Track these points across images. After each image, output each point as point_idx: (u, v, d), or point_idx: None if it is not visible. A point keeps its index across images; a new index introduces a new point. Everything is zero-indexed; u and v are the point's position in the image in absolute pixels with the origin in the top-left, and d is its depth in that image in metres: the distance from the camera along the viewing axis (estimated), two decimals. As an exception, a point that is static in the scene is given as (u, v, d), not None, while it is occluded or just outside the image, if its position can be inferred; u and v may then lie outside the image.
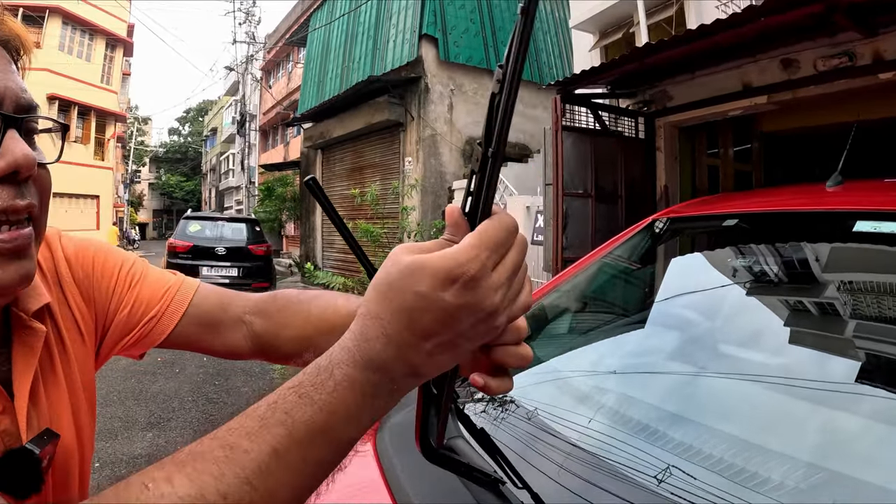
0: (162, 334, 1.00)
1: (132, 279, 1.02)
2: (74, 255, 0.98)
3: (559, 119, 6.15)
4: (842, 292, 1.57)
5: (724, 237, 2.13)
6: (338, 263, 14.83)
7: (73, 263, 0.97)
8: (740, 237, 2.04)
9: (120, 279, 1.01)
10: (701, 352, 1.73)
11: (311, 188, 1.07)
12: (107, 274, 1.00)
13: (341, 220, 1.10)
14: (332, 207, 1.10)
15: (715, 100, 6.45)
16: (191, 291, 1.05)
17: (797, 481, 1.08)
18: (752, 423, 1.35)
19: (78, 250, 0.99)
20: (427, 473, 1.31)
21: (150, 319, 1.00)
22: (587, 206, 6.39)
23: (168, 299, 1.02)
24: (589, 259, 2.34)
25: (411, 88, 11.29)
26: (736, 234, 2.04)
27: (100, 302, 0.99)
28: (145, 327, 1.00)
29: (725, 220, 2.09)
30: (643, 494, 1.11)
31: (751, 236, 2.00)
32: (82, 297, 0.97)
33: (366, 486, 1.43)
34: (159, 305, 1.01)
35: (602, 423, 1.48)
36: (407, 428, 1.57)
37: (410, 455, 1.42)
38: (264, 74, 32.92)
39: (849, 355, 1.42)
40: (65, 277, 0.95)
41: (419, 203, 10.91)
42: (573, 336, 2.21)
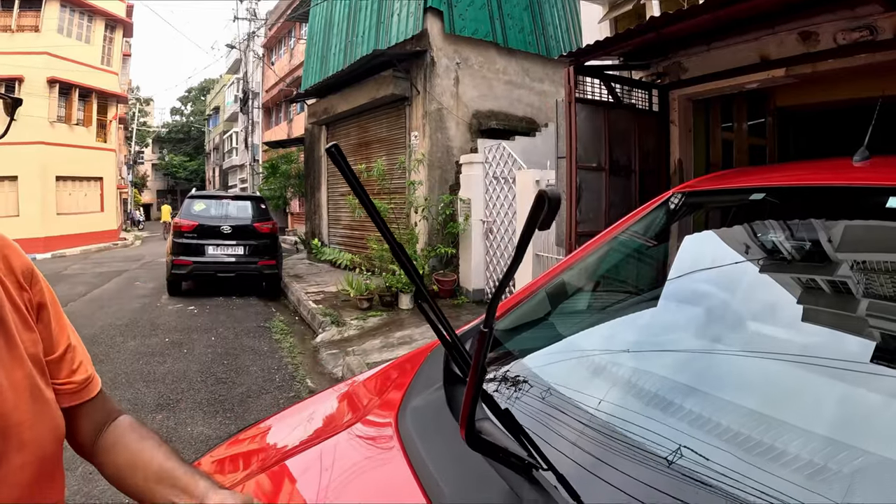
0: (72, 401, 1.10)
1: (72, 337, 1.13)
2: (32, 270, 1.08)
3: (572, 91, 6.01)
4: (863, 271, 1.52)
5: (748, 212, 2.05)
6: (344, 240, 14.78)
7: (26, 274, 1.07)
8: (767, 212, 1.95)
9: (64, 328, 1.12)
10: (724, 328, 1.68)
11: (333, 156, 0.99)
12: (57, 313, 1.11)
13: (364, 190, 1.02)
14: (355, 175, 1.02)
15: (731, 72, 6.31)
16: (100, 383, 1.18)
17: (813, 454, 1.06)
18: (773, 398, 1.32)
19: (35, 270, 1.09)
20: (454, 455, 1.31)
21: (74, 383, 1.10)
22: (601, 180, 6.28)
23: (91, 378, 1.14)
24: (607, 235, 2.28)
25: (417, 62, 11.14)
26: (762, 209, 1.96)
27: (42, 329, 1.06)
28: (74, 386, 1.10)
29: (752, 195, 2.01)
30: (663, 469, 1.11)
31: (778, 211, 1.91)
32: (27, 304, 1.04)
33: (389, 467, 1.43)
34: (86, 376, 1.13)
35: (619, 399, 1.49)
36: (429, 411, 1.56)
37: (435, 437, 1.43)
38: (266, 51, 32.81)
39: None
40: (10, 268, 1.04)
41: (426, 178, 10.81)
42: (590, 313, 2.18)
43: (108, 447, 1.13)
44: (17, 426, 0.91)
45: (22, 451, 0.91)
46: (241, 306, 10.93)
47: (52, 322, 1.08)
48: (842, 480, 1.02)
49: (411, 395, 1.74)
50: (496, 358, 1.85)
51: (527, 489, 1.13)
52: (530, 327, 2.12)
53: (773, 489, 1.02)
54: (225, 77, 46.08)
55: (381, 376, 2.10)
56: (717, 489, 1.03)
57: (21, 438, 0.91)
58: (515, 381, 1.70)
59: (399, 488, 1.29)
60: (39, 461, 0.95)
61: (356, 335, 8.01)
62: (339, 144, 0.96)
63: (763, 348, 1.54)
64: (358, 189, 0.99)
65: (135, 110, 48.83)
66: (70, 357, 1.10)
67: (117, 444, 1.13)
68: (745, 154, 8.04)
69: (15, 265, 1.04)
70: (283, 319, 9.74)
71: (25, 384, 0.94)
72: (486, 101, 11.50)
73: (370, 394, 1.98)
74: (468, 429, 1.09)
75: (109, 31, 28.85)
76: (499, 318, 2.09)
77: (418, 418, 1.56)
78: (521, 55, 12.04)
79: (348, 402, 2.01)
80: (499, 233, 9.73)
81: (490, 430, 1.29)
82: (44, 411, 0.97)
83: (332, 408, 2.00)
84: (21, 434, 0.91)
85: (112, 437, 1.14)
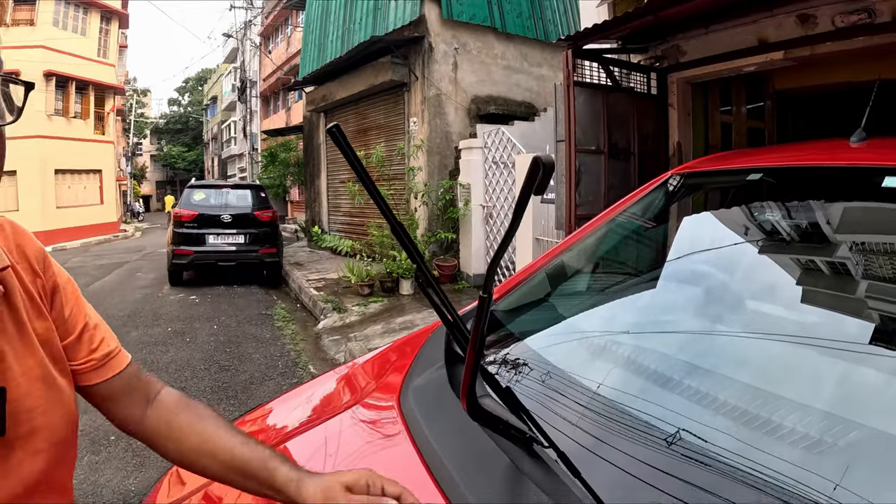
0: (97, 379, 1.09)
1: (91, 317, 1.13)
2: (45, 255, 1.09)
3: (570, 74, 6.00)
4: (861, 252, 1.52)
5: (746, 192, 2.06)
6: (344, 227, 14.77)
7: (39, 259, 1.07)
8: (764, 192, 1.97)
9: (81, 309, 1.11)
10: (723, 307, 1.69)
11: (334, 136, 1.00)
12: (72, 297, 1.10)
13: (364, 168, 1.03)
14: (356, 155, 1.03)
15: (729, 55, 6.29)
16: (128, 357, 1.16)
17: (812, 429, 1.07)
18: (770, 375, 1.33)
19: (48, 255, 1.10)
20: (457, 432, 1.33)
21: (95, 360, 1.09)
22: (600, 163, 6.28)
23: (115, 352, 1.13)
24: (605, 216, 2.29)
25: (415, 48, 11.09)
26: (760, 190, 1.98)
27: (56, 314, 1.06)
28: (93, 363, 1.09)
29: (749, 175, 2.02)
30: (663, 446, 1.13)
31: (776, 191, 1.93)
32: (40, 291, 1.04)
33: (393, 446, 1.44)
34: (108, 351, 1.11)
35: (618, 377, 1.50)
36: (431, 390, 1.57)
37: (437, 415, 1.44)
38: (263, 40, 32.68)
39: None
40: (24, 256, 1.04)
41: (425, 163, 10.79)
42: (589, 294, 2.19)
43: (162, 428, 1.13)
44: (29, 412, 0.91)
45: (34, 437, 0.91)
46: (243, 295, 10.95)
47: (66, 305, 1.08)
48: (839, 454, 1.03)
49: (413, 375, 1.75)
50: (496, 340, 1.87)
51: (528, 464, 1.14)
52: (530, 308, 2.13)
53: (771, 463, 1.03)
54: (222, 66, 45.89)
55: (381, 358, 2.11)
56: (716, 464, 1.04)
57: (33, 424, 0.91)
58: (516, 361, 1.71)
59: (402, 466, 1.30)
60: (52, 447, 0.95)
61: (358, 321, 8.03)
62: (339, 125, 0.97)
63: (760, 327, 1.55)
64: (358, 168, 1.00)
65: (132, 102, 48.69)
66: (88, 336, 1.09)
67: (173, 425, 1.12)
68: (744, 137, 8.02)
69: (28, 252, 1.04)
70: (285, 307, 9.76)
71: (38, 372, 0.95)
72: (485, 87, 11.46)
73: (370, 375, 1.99)
74: (469, 399, 1.10)
75: (105, 23, 28.70)
76: (498, 299, 2.10)
77: (420, 397, 1.57)
78: (520, 40, 11.99)
79: (349, 383, 2.02)
80: (498, 217, 9.72)
81: (492, 407, 1.32)
82: (57, 398, 0.96)
83: (333, 389, 2.02)
84: (33, 420, 0.92)
85: (164, 416, 1.14)
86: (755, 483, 0.99)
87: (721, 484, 1.00)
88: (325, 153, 16.03)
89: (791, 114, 8.53)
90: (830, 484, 0.93)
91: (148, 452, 4.32)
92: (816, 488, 0.93)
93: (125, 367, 1.13)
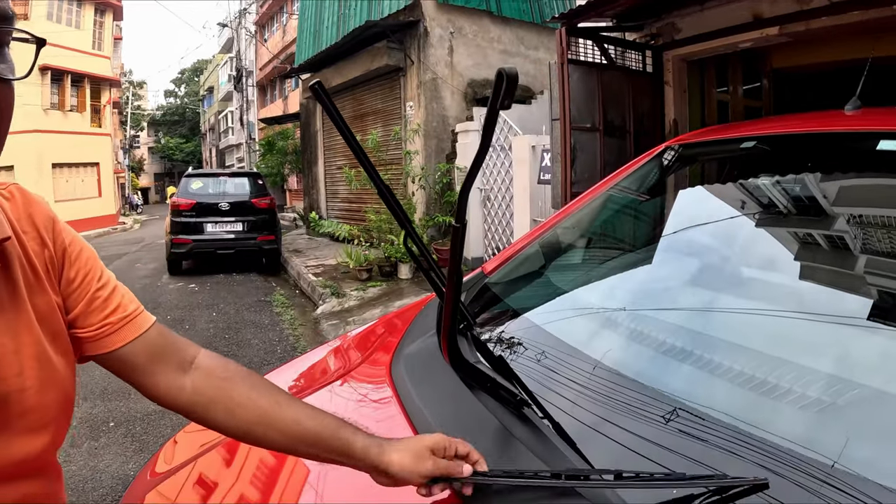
0: (115, 344, 1.01)
1: (105, 281, 1.05)
2: (71, 233, 1.04)
3: (564, 52, 5.98)
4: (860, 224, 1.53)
5: (742, 162, 2.06)
6: (342, 213, 14.78)
7: (48, 227, 1.01)
8: (759, 161, 1.96)
9: (93, 273, 1.04)
10: (717, 276, 1.70)
11: (316, 93, 0.99)
12: (82, 261, 1.03)
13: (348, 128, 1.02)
14: (340, 114, 1.01)
15: (724, 32, 6.26)
16: (151, 319, 1.07)
17: (819, 393, 1.06)
18: (760, 341, 1.32)
19: (57, 221, 1.03)
20: (446, 396, 1.35)
21: (111, 323, 1.01)
22: (595, 141, 6.26)
23: (134, 314, 1.04)
24: (600, 188, 2.29)
25: (410, 33, 11.05)
26: (755, 158, 1.97)
27: (65, 282, 1.01)
28: (106, 328, 1.01)
29: (742, 143, 2.01)
30: (656, 418, 1.12)
31: (770, 159, 1.92)
32: (47, 262, 0.98)
33: (382, 411, 1.47)
34: (125, 314, 1.03)
35: (612, 347, 1.51)
36: (422, 357, 1.59)
37: (427, 380, 1.46)
38: (258, 29, 32.55)
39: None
40: (33, 225, 0.98)
41: (422, 147, 10.78)
42: (583, 265, 2.20)
43: (209, 397, 1.05)
44: (20, 392, 0.87)
45: (25, 417, 0.88)
46: (242, 282, 10.96)
47: (73, 268, 1.01)
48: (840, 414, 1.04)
49: (404, 344, 1.76)
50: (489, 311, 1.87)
51: (520, 428, 1.15)
52: (523, 280, 2.13)
53: (757, 420, 1.04)
54: (218, 56, 45.72)
55: (373, 331, 2.12)
56: (710, 433, 1.04)
57: (25, 405, 0.87)
58: (509, 331, 1.71)
59: (391, 429, 1.30)
60: (44, 427, 0.92)
61: (356, 305, 8.04)
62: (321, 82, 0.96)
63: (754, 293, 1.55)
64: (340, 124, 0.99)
65: (128, 94, 48.52)
66: (102, 301, 1.02)
67: (224, 395, 1.05)
68: (741, 115, 8.00)
69: (38, 221, 0.99)
70: (284, 293, 9.76)
71: (32, 350, 0.90)
72: (481, 70, 11.42)
73: (362, 347, 2.00)
74: (450, 346, 1.10)
75: (99, 16, 28.59)
76: (493, 271, 2.10)
77: (411, 364, 1.58)
78: (516, 23, 11.94)
79: (341, 355, 2.03)
80: (496, 200, 9.70)
81: (475, 359, 1.33)
82: (51, 378, 0.92)
83: (325, 361, 2.02)
84: (24, 401, 0.87)
85: (211, 384, 1.06)
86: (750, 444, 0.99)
87: (713, 455, 1.00)
88: (322, 140, 16.01)
89: (789, 92, 8.50)
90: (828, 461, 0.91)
91: (147, 437, 4.35)
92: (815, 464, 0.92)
93: (147, 329, 1.04)
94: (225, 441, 1.54)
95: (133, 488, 1.58)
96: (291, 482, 1.29)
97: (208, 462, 1.50)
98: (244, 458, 1.44)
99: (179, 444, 1.74)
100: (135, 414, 4.81)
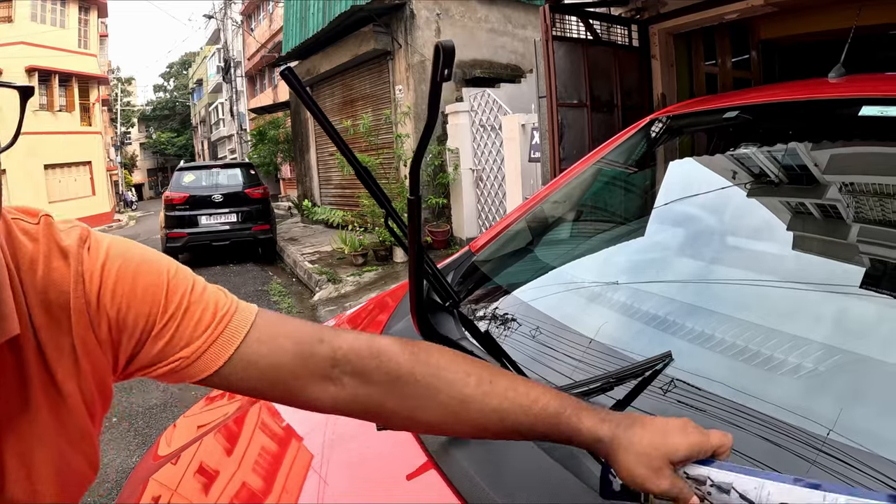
0: (200, 374, 0.80)
1: (176, 305, 0.80)
2: (111, 272, 0.77)
3: (549, 29, 5.97)
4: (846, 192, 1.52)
5: (729, 132, 2.06)
6: (336, 199, 14.76)
7: (108, 286, 0.77)
8: (748, 130, 1.96)
9: (161, 304, 0.79)
10: (708, 247, 1.70)
11: (287, 78, 1.00)
12: (148, 296, 0.78)
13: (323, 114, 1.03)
14: (311, 97, 1.03)
15: (710, 3, 6.24)
16: (244, 327, 0.83)
17: (815, 363, 1.06)
18: (765, 312, 1.31)
19: (118, 266, 0.78)
20: None
21: (184, 358, 0.79)
22: (583, 117, 6.27)
23: (212, 337, 0.81)
24: (587, 162, 2.29)
25: (397, 16, 11.00)
26: (743, 128, 1.97)
27: (129, 324, 0.77)
28: (178, 363, 0.79)
29: (728, 113, 2.02)
30: (658, 388, 1.09)
31: (756, 128, 1.93)
32: (107, 325, 0.77)
33: None
34: (200, 342, 0.80)
35: (601, 320, 1.50)
36: (408, 334, 1.55)
37: None
38: (245, 18, 32.34)
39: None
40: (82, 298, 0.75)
41: (413, 130, 10.75)
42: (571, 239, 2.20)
43: (379, 406, 0.85)
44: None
45: None
46: (239, 273, 10.97)
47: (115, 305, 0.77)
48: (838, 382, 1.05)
49: (392, 322, 1.77)
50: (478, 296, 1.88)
51: None
52: (511, 257, 2.14)
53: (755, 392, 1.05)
54: (205, 49, 45.52)
55: (365, 311, 2.14)
56: (704, 404, 1.05)
57: None
58: (496, 308, 1.73)
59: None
60: None
61: (353, 290, 8.07)
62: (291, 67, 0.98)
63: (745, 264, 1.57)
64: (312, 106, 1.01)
65: (117, 91, 48.22)
66: (170, 332, 0.79)
67: (417, 393, 0.84)
68: (730, 87, 7.99)
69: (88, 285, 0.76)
70: (281, 282, 9.78)
71: (50, 468, 0.74)
72: (469, 51, 11.37)
73: (354, 325, 2.02)
74: (419, 319, 1.10)
75: (84, 14, 28.38)
76: (480, 249, 2.12)
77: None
78: (503, 2, 11.87)
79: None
80: (488, 180, 9.71)
81: (447, 328, 1.35)
82: (72, 481, 0.78)
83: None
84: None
85: (369, 394, 0.84)
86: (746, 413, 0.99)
87: (709, 424, 0.99)
88: (314, 127, 15.95)
89: (778, 64, 8.49)
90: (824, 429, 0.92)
91: (150, 431, 4.38)
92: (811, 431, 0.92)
93: (250, 330, 0.83)
94: (224, 424, 1.57)
95: (136, 471, 1.61)
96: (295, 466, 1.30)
97: (210, 444, 1.52)
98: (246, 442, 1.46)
99: (179, 429, 1.77)
100: (137, 408, 4.84)
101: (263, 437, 1.43)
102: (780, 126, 1.87)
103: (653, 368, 0.93)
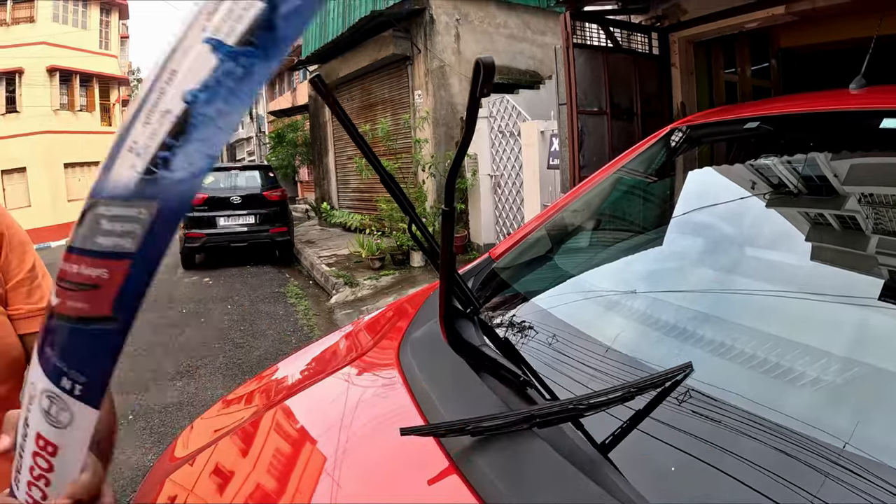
0: (25, 329, 1.12)
1: (36, 271, 1.18)
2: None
3: (569, 36, 5.97)
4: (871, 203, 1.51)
5: (751, 142, 2.06)
6: (354, 203, 14.83)
7: None
8: (766, 141, 1.96)
9: (21, 258, 1.16)
10: (728, 258, 1.69)
11: (315, 85, 1.02)
12: (11, 243, 1.15)
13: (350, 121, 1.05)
14: (339, 104, 1.05)
15: (730, 12, 6.20)
16: None
17: (833, 375, 1.06)
18: (782, 323, 1.30)
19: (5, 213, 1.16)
20: (453, 380, 1.34)
21: (26, 310, 1.14)
22: (603, 124, 6.26)
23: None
24: (606, 171, 2.29)
25: (416, 21, 11.05)
26: (764, 138, 1.96)
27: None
28: (17, 312, 1.13)
29: (749, 124, 2.01)
30: (673, 398, 1.07)
31: (777, 138, 1.92)
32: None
33: (389, 395, 1.46)
34: (43, 306, 1.12)
35: (619, 329, 1.49)
36: (428, 341, 1.57)
37: (434, 364, 1.45)
38: (266, 21, 32.50)
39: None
40: None
41: (431, 135, 10.81)
42: (591, 248, 2.20)
43: None
44: None
45: None
46: (256, 274, 11.02)
47: (4, 252, 1.13)
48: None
49: (412, 329, 1.78)
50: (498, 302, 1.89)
51: (520, 407, 1.13)
52: (531, 264, 2.15)
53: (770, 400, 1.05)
54: (226, 50, 45.77)
55: (384, 316, 2.15)
56: (721, 414, 1.04)
57: None
58: (516, 315, 1.73)
59: (398, 413, 1.32)
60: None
61: (370, 294, 8.10)
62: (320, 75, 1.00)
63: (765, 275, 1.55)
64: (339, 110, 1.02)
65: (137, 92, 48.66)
66: (26, 289, 1.15)
67: None
68: (749, 96, 7.92)
69: None
70: (298, 284, 9.83)
71: None
72: (489, 56, 11.38)
73: (373, 332, 2.02)
74: (447, 327, 1.11)
75: (105, 15, 28.72)
76: (500, 256, 2.13)
77: (418, 348, 1.59)
78: (522, 8, 11.89)
79: (352, 341, 2.06)
80: (506, 186, 9.71)
81: (475, 339, 1.34)
82: None
83: (337, 347, 2.05)
84: None
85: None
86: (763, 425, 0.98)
87: (725, 435, 0.99)
88: (332, 130, 16.03)
89: (797, 72, 8.43)
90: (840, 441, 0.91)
91: (165, 430, 4.42)
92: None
93: None
94: (240, 427, 1.58)
95: (153, 471, 1.63)
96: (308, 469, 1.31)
97: (226, 446, 1.54)
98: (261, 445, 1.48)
99: (196, 431, 1.78)
100: (153, 406, 4.88)
101: (278, 440, 1.44)
102: (800, 137, 1.86)
103: (673, 379, 0.94)
